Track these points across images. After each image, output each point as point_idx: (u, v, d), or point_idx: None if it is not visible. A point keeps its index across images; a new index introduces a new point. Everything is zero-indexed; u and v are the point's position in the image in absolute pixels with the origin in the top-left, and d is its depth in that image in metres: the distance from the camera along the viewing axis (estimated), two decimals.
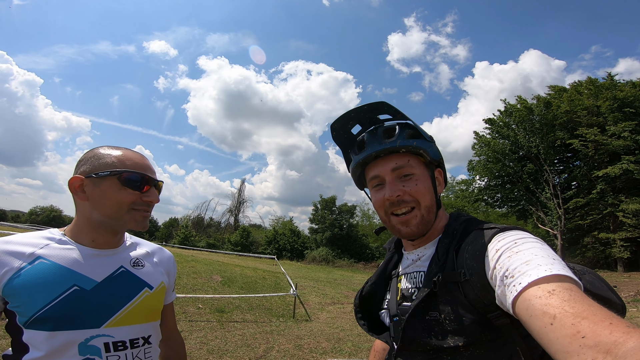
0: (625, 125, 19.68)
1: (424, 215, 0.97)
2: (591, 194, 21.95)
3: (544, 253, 0.72)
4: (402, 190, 0.97)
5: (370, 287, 1.13)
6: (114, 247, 1.15)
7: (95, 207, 1.07)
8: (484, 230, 0.88)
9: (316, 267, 25.81)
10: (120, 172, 1.06)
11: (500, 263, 0.75)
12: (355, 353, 6.10)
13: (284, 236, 34.29)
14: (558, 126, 23.96)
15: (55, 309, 0.98)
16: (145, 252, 1.25)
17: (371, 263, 28.92)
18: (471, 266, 0.83)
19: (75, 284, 1.03)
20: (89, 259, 1.08)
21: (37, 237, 1.07)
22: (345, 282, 17.26)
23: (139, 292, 1.13)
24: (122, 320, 1.08)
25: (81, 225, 1.10)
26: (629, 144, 19.56)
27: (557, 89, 25.67)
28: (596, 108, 21.62)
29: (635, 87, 21.29)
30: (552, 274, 0.65)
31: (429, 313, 0.87)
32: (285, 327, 7.51)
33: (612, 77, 22.82)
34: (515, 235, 0.81)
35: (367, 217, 40.49)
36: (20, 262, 1.00)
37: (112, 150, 1.11)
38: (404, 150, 0.97)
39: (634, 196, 20.04)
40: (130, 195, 1.07)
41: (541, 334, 0.59)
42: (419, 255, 1.02)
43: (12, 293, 0.98)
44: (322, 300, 11.10)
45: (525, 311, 0.64)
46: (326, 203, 34.76)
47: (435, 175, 1.02)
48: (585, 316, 0.55)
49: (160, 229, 56.58)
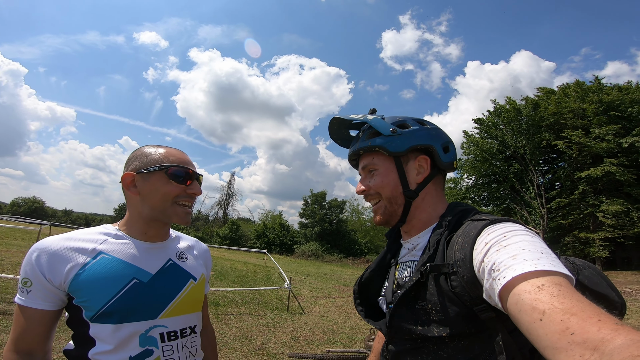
0: (610, 128, 20.29)
1: (387, 206, 1.02)
2: (573, 195, 22.61)
3: (532, 247, 0.71)
4: (366, 185, 1.06)
5: (370, 274, 1.15)
6: (163, 240, 1.21)
7: (145, 200, 1.12)
8: (475, 221, 0.88)
9: (306, 262, 25.98)
10: (167, 167, 1.12)
11: (489, 256, 0.74)
12: (349, 344, 6.26)
13: (273, 230, 34.28)
14: (544, 127, 24.55)
15: (120, 302, 1.02)
16: (187, 245, 1.31)
17: (360, 258, 29.17)
18: (460, 258, 0.82)
19: (135, 277, 1.07)
20: (143, 252, 1.13)
21: (94, 233, 1.12)
22: (335, 276, 17.45)
23: (186, 284, 1.18)
24: (174, 311, 1.12)
25: (133, 220, 1.15)
26: (612, 147, 20.20)
27: (546, 90, 26.27)
28: (582, 111, 22.21)
29: (622, 91, 21.88)
30: (537, 269, 0.64)
31: (418, 302, 0.88)
32: (280, 319, 7.62)
33: (599, 81, 23.42)
34: (505, 228, 0.79)
35: (356, 213, 40.82)
36: (85, 258, 1.04)
37: (158, 148, 1.18)
38: (362, 152, 1.06)
39: (614, 197, 20.75)
40: (176, 188, 1.12)
41: (530, 329, 0.59)
42: (414, 244, 1.03)
43: (79, 288, 1.01)
44: (314, 294, 11.25)
45: (514, 306, 0.64)
46: (316, 198, 34.87)
47: (415, 164, 1.01)
48: (575, 312, 0.55)
49: None
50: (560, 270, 0.65)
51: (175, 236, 1.29)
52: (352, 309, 9.38)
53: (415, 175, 1.01)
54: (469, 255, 0.80)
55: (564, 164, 24.90)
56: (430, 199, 1.04)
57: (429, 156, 1.02)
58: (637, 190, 19.96)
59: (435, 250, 0.89)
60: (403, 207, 1.01)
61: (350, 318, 8.39)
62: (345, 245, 31.91)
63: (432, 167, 1.02)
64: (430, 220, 1.01)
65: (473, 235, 0.82)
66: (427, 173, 1.02)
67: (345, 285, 14.52)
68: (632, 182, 19.99)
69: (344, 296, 11.51)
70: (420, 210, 1.02)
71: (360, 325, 7.80)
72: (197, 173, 1.20)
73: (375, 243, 34.62)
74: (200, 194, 1.20)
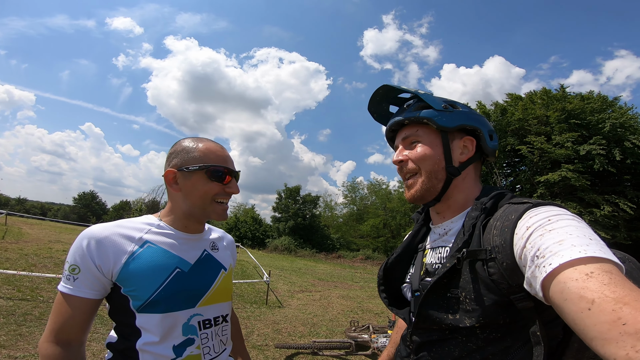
0: (569, 136, 21.73)
1: (424, 180, 0.98)
2: (532, 197, 24.10)
3: (579, 232, 0.67)
4: (405, 156, 1.02)
5: (396, 258, 1.10)
6: (200, 232, 1.25)
7: (186, 197, 1.15)
8: (515, 204, 0.83)
9: (279, 256, 25.87)
10: (208, 167, 1.13)
11: (531, 242, 0.70)
12: (330, 336, 6.41)
13: (245, 224, 33.80)
14: (510, 132, 25.89)
15: (166, 291, 1.04)
16: (217, 236, 1.35)
17: (332, 254, 29.46)
18: (498, 243, 0.78)
19: (178, 267, 1.09)
20: (182, 243, 1.16)
21: (139, 223, 1.14)
22: (309, 271, 17.56)
23: (219, 273, 1.22)
24: (209, 300, 1.15)
25: (175, 213, 1.19)
26: (569, 154, 21.66)
27: (514, 97, 27.62)
28: (546, 118, 23.63)
29: (584, 100, 23.33)
30: (587, 255, 0.60)
31: (451, 290, 0.84)
32: (260, 312, 7.64)
33: (564, 89, 24.80)
34: (550, 211, 0.75)
35: (329, 208, 41.17)
36: (133, 246, 1.05)
37: (198, 143, 1.18)
38: (408, 122, 1.02)
39: (569, 201, 22.29)
40: (215, 187, 1.14)
41: (576, 319, 0.56)
42: (445, 229, 1.00)
43: (128, 277, 1.02)
44: (290, 288, 11.31)
45: (559, 294, 0.60)
46: (290, 192, 34.68)
47: (461, 144, 1.00)
48: (627, 302, 0.52)
49: (109, 212, 53.25)
50: (611, 257, 0.61)
51: (207, 228, 1.34)
52: (329, 303, 9.55)
53: (459, 154, 1.00)
54: (509, 240, 0.76)
55: (525, 168, 26.37)
56: (470, 181, 1.02)
57: (475, 139, 1.02)
58: (589, 195, 21.61)
59: (470, 235, 0.85)
60: (443, 183, 0.98)
61: (329, 311, 8.55)
62: (318, 240, 32.09)
63: (476, 149, 1.02)
64: (466, 203, 0.99)
65: (514, 218, 0.78)
66: (471, 154, 1.00)
67: (321, 279, 14.70)
68: (586, 188, 21.61)
69: (320, 290, 11.67)
70: (458, 190, 1.00)
71: (339, 317, 7.99)
72: (234, 171, 1.21)
73: (347, 239, 35.05)
74: (238, 192, 1.21)
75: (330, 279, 15.16)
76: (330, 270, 19.42)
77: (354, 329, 6.15)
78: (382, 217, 34.48)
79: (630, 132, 21.24)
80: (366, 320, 7.64)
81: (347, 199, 40.59)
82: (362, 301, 10.18)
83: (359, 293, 11.74)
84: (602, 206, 20.76)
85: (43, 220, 30.72)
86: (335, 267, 21.72)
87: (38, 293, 6.30)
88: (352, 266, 24.35)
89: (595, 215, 20.59)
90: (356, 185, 40.62)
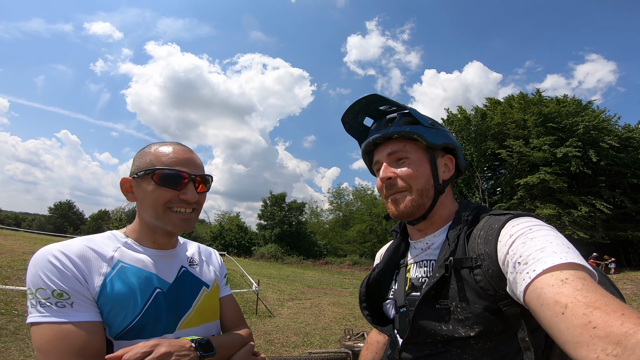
0: (546, 139, 22.48)
1: (415, 198, 0.96)
2: (512, 200, 24.64)
3: (559, 241, 0.70)
4: (394, 173, 0.99)
5: (378, 274, 1.08)
6: (173, 248, 1.12)
7: (141, 207, 1.02)
8: (497, 215, 0.87)
9: (265, 264, 25.56)
10: (153, 171, 0.98)
11: (514, 248, 0.73)
12: (324, 345, 6.31)
13: (230, 232, 33.29)
14: (490, 136, 26.60)
15: (147, 315, 0.93)
16: (195, 251, 1.22)
17: (319, 260, 29.36)
18: (483, 251, 0.80)
19: (157, 287, 0.98)
20: (157, 261, 1.04)
21: (107, 239, 1.01)
22: (297, 278, 17.41)
23: (199, 291, 1.11)
24: (191, 322, 1.04)
25: (140, 227, 1.06)
26: (547, 156, 22.41)
27: (493, 101, 28.46)
28: (523, 122, 24.40)
29: (559, 104, 24.23)
30: (567, 261, 0.63)
31: (440, 301, 0.84)
32: (250, 323, 7.47)
33: (540, 93, 25.71)
34: (530, 221, 0.79)
35: (315, 215, 41.12)
36: (106, 267, 0.94)
37: (155, 146, 1.05)
38: (397, 136, 0.99)
39: (547, 202, 23.07)
40: (166, 194, 0.98)
41: (551, 323, 0.58)
42: (428, 243, 1.00)
43: (106, 302, 0.89)
44: (280, 297, 11.15)
45: (536, 300, 0.62)
46: (276, 199, 34.47)
47: (443, 162, 1.02)
48: (598, 306, 0.54)
49: (87, 222, 51.46)
50: (586, 265, 0.65)
51: (182, 242, 1.21)
52: (320, 311, 9.45)
53: (442, 172, 1.01)
54: (493, 247, 0.79)
55: (505, 171, 27.14)
56: (450, 197, 1.04)
57: (454, 157, 1.05)
58: (567, 196, 22.38)
59: (456, 245, 0.87)
60: (432, 201, 0.98)
61: (321, 319, 8.45)
62: (305, 247, 31.92)
63: (455, 168, 1.05)
64: (449, 217, 1.00)
65: (497, 227, 0.81)
66: (452, 172, 1.03)
67: (310, 287, 14.57)
68: (564, 189, 22.39)
69: (310, 298, 11.55)
70: (443, 207, 1.01)
71: (332, 326, 7.90)
72: (193, 175, 1.03)
73: (333, 245, 35.06)
74: (195, 199, 1.03)
75: (320, 286, 15.06)
76: (318, 277, 19.31)
77: (348, 337, 6.06)
78: (368, 222, 34.67)
79: (604, 134, 22.18)
80: (360, 327, 7.55)
81: (332, 205, 40.78)
82: (353, 308, 10.09)
83: (349, 299, 11.67)
84: (579, 207, 21.53)
85: (17, 231, 29.51)
86: (323, 274, 21.63)
87: (12, 307, 6.00)
88: (340, 272, 24.30)
89: (574, 216, 21.34)
90: (341, 192, 40.90)
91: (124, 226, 1.12)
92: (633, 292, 11.75)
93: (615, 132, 22.85)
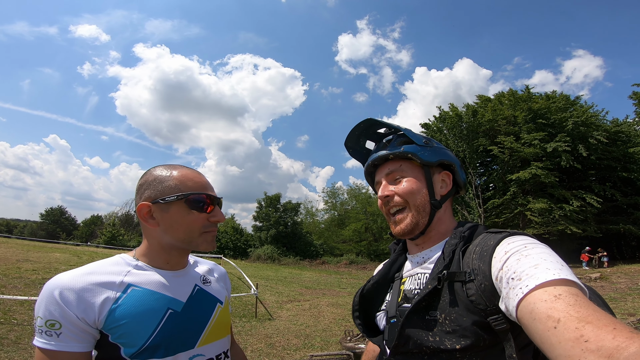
0: (536, 135, 22.82)
1: (414, 214, 1.00)
2: (505, 195, 24.96)
3: (553, 258, 0.72)
4: (391, 191, 1.03)
5: (372, 286, 1.11)
6: (185, 267, 1.16)
7: (167, 231, 1.05)
8: (493, 233, 0.89)
9: (262, 266, 25.54)
10: (187, 196, 1.04)
11: (508, 265, 0.75)
12: (326, 347, 6.37)
13: (226, 234, 33.15)
14: (481, 133, 26.87)
15: (161, 335, 0.97)
16: (207, 268, 1.27)
17: (316, 260, 29.42)
18: (477, 266, 0.82)
19: (170, 307, 1.02)
20: (170, 281, 1.07)
21: (115, 265, 1.04)
22: (295, 279, 17.45)
23: (215, 308, 1.14)
24: (208, 338, 1.09)
25: (154, 250, 1.08)
26: (537, 152, 22.74)
27: (484, 98, 28.79)
28: (514, 118, 24.72)
29: (548, 100, 24.64)
30: (560, 277, 0.65)
31: (429, 313, 0.86)
32: (250, 327, 7.49)
33: (529, 90, 26.14)
34: (525, 240, 0.81)
35: (310, 215, 41.12)
36: (115, 293, 0.97)
37: (171, 170, 1.09)
38: (392, 157, 1.04)
39: (539, 197, 23.37)
40: (200, 219, 1.06)
41: (543, 337, 0.59)
42: (424, 257, 1.03)
43: (116, 325, 0.94)
44: (278, 299, 11.17)
45: (528, 314, 0.63)
46: (271, 200, 34.40)
47: (440, 178, 1.05)
48: (590, 321, 0.55)
49: (80, 227, 50.78)
50: (578, 282, 0.66)
51: (193, 261, 1.25)
52: (320, 312, 9.50)
53: (439, 188, 1.05)
54: (487, 263, 0.81)
55: (497, 167, 27.44)
56: (448, 213, 1.07)
57: (451, 173, 1.08)
58: (558, 190, 22.74)
59: (450, 259, 0.90)
60: (429, 217, 1.01)
61: (320, 321, 8.49)
62: (302, 248, 31.94)
63: (452, 183, 1.08)
64: (446, 233, 1.03)
65: (492, 244, 0.84)
66: (449, 188, 1.07)
67: (308, 288, 14.61)
68: (555, 184, 22.74)
69: (309, 299, 11.59)
70: (440, 222, 1.04)
71: (332, 327, 7.95)
72: (217, 197, 1.12)
73: (330, 244, 35.12)
74: (224, 220, 1.12)
75: (318, 287, 15.11)
76: (316, 277, 19.37)
77: (349, 339, 6.11)
78: (364, 221, 34.80)
79: (592, 129, 22.54)
80: None
81: (327, 205, 40.87)
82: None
83: (348, 300, 11.72)
84: (571, 201, 21.87)
85: (9, 238, 29.08)
86: (321, 274, 21.69)
87: (11, 316, 5.94)
88: (338, 271, 24.38)
89: (565, 211, 21.66)
90: (336, 191, 40.99)
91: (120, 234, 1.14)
92: (627, 286, 11.94)
93: (603, 126, 23.29)
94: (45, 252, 16.08)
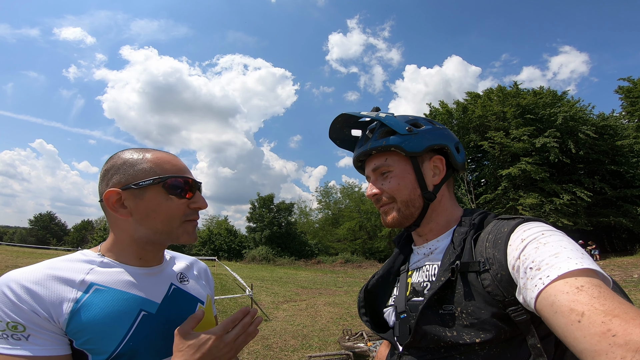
0: (525, 130, 23.09)
1: (401, 209, 0.96)
2: (497, 190, 25.18)
3: (573, 247, 0.69)
4: (380, 189, 0.99)
5: (377, 281, 1.08)
6: (160, 264, 1.04)
7: (142, 222, 0.93)
8: (505, 220, 0.85)
9: (257, 267, 25.40)
10: (164, 179, 0.92)
11: (526, 253, 0.71)
12: (324, 347, 6.32)
13: (219, 236, 32.95)
14: (472, 129, 27.13)
15: (134, 341, 0.86)
16: (185, 265, 1.15)
17: (311, 260, 29.38)
18: (492, 255, 0.78)
19: (142, 309, 0.91)
20: (142, 280, 0.96)
21: (75, 261, 0.91)
22: (291, 280, 17.37)
23: (195, 309, 1.04)
24: None
25: (124, 244, 0.96)
26: (526, 147, 23.02)
27: (473, 95, 29.02)
28: (503, 113, 24.99)
29: (536, 95, 24.93)
30: (583, 267, 0.62)
31: (443, 307, 0.82)
32: None
33: (517, 86, 26.42)
34: (542, 226, 0.77)
35: (304, 215, 41.02)
36: (75, 292, 0.85)
37: (144, 153, 0.97)
38: (375, 152, 0.99)
39: (530, 192, 23.65)
40: (180, 205, 0.94)
41: (566, 331, 0.57)
42: (431, 248, 0.98)
43: (80, 329, 0.82)
44: (274, 300, 11.09)
45: (549, 307, 0.61)
46: (264, 201, 34.26)
47: (431, 165, 0.98)
48: (617, 314, 0.54)
49: (70, 232, 50.00)
50: (601, 271, 0.64)
51: (170, 257, 1.13)
52: (317, 312, 9.46)
53: (432, 177, 0.98)
54: (503, 251, 0.77)
55: (488, 163, 27.72)
56: (447, 201, 1.01)
57: (443, 156, 1.00)
58: (549, 185, 23.04)
59: (462, 249, 0.85)
60: (420, 210, 0.97)
61: (318, 320, 8.45)
62: (296, 248, 31.89)
63: (447, 167, 1.00)
64: (448, 223, 0.98)
65: (507, 231, 0.79)
66: (443, 174, 0.99)
67: (304, 287, 14.55)
68: (545, 179, 23.02)
69: (305, 299, 11.53)
70: (438, 213, 0.99)
71: (330, 327, 7.91)
72: (197, 182, 1.00)
73: (325, 244, 35.12)
74: (206, 206, 1.00)
75: (314, 286, 15.06)
76: (311, 277, 19.30)
77: (347, 338, 6.09)
78: (358, 219, 34.84)
79: (580, 124, 22.90)
80: (357, 327, 7.57)
81: (321, 204, 40.77)
82: (349, 307, 10.14)
83: (345, 299, 11.71)
84: (561, 195, 22.18)
85: None
86: (316, 274, 21.63)
87: None
88: (333, 271, 24.35)
89: (556, 204, 21.97)
90: (329, 190, 40.94)
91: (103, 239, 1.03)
92: (622, 278, 12.07)
93: (591, 121, 23.67)
94: (35, 258, 15.75)
